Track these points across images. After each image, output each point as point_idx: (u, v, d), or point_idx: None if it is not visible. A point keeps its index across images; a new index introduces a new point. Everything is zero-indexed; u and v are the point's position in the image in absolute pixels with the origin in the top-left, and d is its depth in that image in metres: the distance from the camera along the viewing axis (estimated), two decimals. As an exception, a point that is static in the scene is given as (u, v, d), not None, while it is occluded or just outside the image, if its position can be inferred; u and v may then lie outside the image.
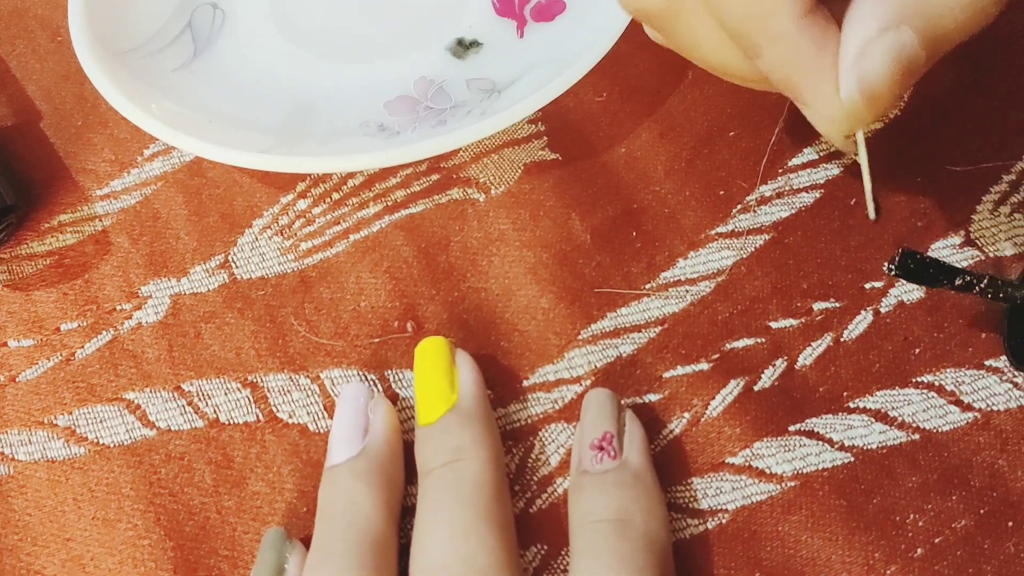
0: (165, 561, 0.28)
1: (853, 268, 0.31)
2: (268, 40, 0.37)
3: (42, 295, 0.33)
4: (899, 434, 0.28)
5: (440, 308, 0.32)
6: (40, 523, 0.29)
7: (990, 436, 0.28)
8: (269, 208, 0.34)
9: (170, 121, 0.32)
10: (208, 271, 0.33)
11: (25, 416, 0.31)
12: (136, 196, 0.35)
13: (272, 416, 0.30)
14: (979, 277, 0.26)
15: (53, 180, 0.35)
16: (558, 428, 0.29)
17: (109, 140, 0.36)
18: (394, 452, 0.28)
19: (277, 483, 0.29)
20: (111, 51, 0.34)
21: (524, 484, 0.29)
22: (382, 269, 0.32)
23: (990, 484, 0.27)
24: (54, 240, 0.34)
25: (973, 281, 0.26)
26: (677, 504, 0.28)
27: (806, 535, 0.27)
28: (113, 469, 0.30)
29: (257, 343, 0.31)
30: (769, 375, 0.29)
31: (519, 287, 0.32)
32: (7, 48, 0.39)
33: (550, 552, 0.28)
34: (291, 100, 0.36)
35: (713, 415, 0.29)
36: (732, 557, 0.27)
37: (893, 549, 0.27)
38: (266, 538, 0.27)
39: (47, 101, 0.37)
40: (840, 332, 0.30)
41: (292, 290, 0.32)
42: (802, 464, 0.28)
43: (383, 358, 0.31)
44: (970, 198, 0.31)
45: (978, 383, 0.29)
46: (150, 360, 0.31)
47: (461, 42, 0.36)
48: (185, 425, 0.30)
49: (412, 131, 0.33)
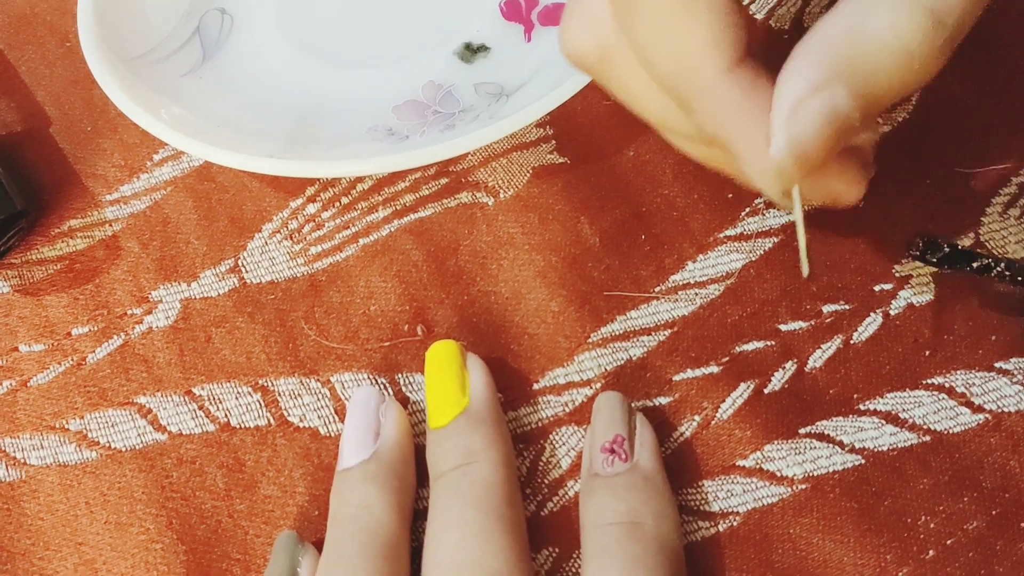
0: (177, 565, 0.28)
1: (862, 270, 0.31)
2: (276, 45, 0.38)
3: (53, 300, 0.33)
4: (910, 436, 0.28)
5: (450, 312, 0.32)
6: (52, 527, 0.29)
7: (1001, 438, 0.28)
8: (278, 212, 0.34)
9: (179, 126, 0.32)
10: (218, 275, 0.33)
11: (37, 420, 0.31)
12: (146, 201, 0.35)
13: (283, 420, 0.30)
14: (997, 260, 0.26)
15: (63, 185, 0.36)
16: (569, 431, 0.29)
17: (118, 145, 0.36)
18: (406, 455, 0.28)
19: (289, 487, 0.29)
20: (120, 57, 0.35)
21: (535, 487, 0.29)
22: (392, 273, 0.32)
23: (1002, 485, 0.27)
24: (64, 245, 0.34)
25: (991, 264, 0.26)
26: (688, 507, 0.28)
27: (817, 538, 0.27)
28: (125, 473, 0.30)
29: (267, 347, 0.32)
30: (779, 378, 0.29)
31: (529, 290, 0.32)
32: (16, 54, 0.39)
33: (561, 555, 0.28)
34: (299, 105, 0.36)
35: (723, 418, 0.29)
36: (743, 560, 0.27)
37: (905, 551, 0.27)
38: (278, 542, 0.27)
39: (56, 107, 0.37)
40: (850, 334, 0.30)
41: (302, 294, 0.32)
42: (813, 467, 0.28)
43: (393, 362, 0.31)
44: (979, 200, 0.31)
45: (988, 385, 0.29)
46: (161, 364, 0.32)
47: (469, 46, 0.36)
48: (196, 429, 0.30)
49: (421, 136, 0.33)
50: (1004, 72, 0.34)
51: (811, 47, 0.20)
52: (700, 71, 0.21)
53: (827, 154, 0.20)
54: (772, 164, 0.21)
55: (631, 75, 0.24)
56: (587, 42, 0.24)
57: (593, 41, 0.24)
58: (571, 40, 0.24)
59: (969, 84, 0.33)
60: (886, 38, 0.20)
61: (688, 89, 0.21)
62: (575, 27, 0.24)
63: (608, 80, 0.25)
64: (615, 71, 0.24)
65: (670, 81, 0.22)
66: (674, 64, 0.21)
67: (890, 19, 0.19)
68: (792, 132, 0.20)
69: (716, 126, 0.22)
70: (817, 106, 0.20)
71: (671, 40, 0.21)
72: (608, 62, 0.24)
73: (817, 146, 0.20)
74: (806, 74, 0.20)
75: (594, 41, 0.24)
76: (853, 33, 0.20)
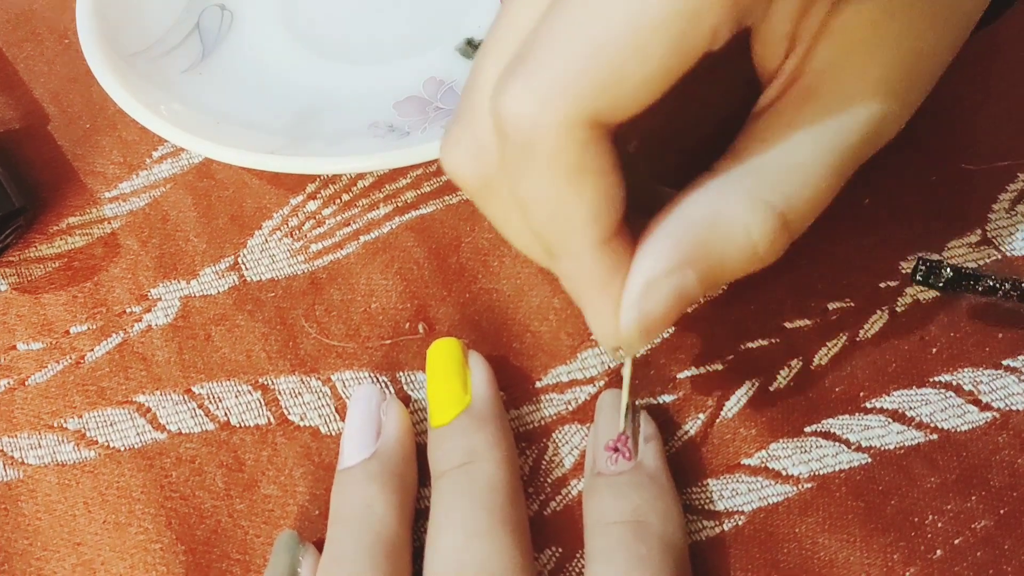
0: (176, 565, 0.28)
1: (868, 267, 0.30)
2: (277, 41, 0.37)
3: (51, 298, 0.33)
4: (917, 434, 0.28)
5: (452, 309, 0.31)
6: (50, 527, 0.29)
7: (1009, 436, 0.28)
8: (279, 210, 0.34)
9: (179, 122, 0.32)
10: (218, 273, 0.33)
11: (35, 420, 0.31)
12: (145, 198, 0.35)
13: (283, 419, 0.30)
14: (1002, 280, 0.26)
15: (61, 183, 0.35)
16: (572, 429, 0.29)
17: (117, 142, 0.36)
18: (407, 454, 0.28)
19: (289, 486, 0.29)
20: (119, 53, 0.34)
21: (538, 486, 0.28)
22: (393, 270, 0.32)
23: (1010, 484, 0.27)
24: (63, 243, 0.34)
25: (996, 285, 0.26)
26: (693, 506, 0.28)
27: (823, 537, 0.27)
28: (124, 473, 0.30)
29: (268, 345, 0.31)
30: (784, 375, 0.29)
31: (531, 287, 0.31)
32: (15, 51, 0.39)
33: (565, 554, 0.27)
34: (300, 101, 0.35)
35: (728, 416, 0.29)
36: (749, 559, 0.27)
37: (912, 550, 0.26)
38: (279, 541, 0.27)
39: (55, 104, 0.37)
40: (856, 332, 0.30)
41: (302, 292, 0.32)
42: (819, 465, 0.28)
43: (394, 360, 0.31)
44: (986, 197, 0.31)
45: (996, 383, 0.28)
46: (160, 363, 0.31)
47: (471, 42, 0.36)
48: (196, 428, 0.30)
49: (422, 132, 0.33)
50: (1010, 68, 0.33)
51: (672, 227, 0.22)
52: (574, 239, 0.22)
53: (668, 326, 0.23)
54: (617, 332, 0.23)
55: (508, 209, 0.23)
56: (471, 171, 0.23)
57: (477, 170, 0.23)
58: (454, 162, 0.23)
59: (975, 81, 0.33)
60: (738, 236, 0.21)
61: (559, 249, 0.22)
62: (460, 152, 0.23)
63: (485, 206, 0.24)
64: (495, 201, 0.24)
65: (544, 237, 0.22)
66: (552, 226, 0.22)
67: (744, 219, 0.21)
68: (642, 311, 0.22)
69: (574, 287, 0.23)
70: (668, 288, 0.22)
71: (553, 206, 0.21)
72: (489, 192, 0.23)
73: (662, 322, 0.22)
74: (661, 256, 0.22)
75: (478, 171, 0.23)
76: (709, 224, 0.22)
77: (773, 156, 0.22)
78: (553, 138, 0.20)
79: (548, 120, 0.20)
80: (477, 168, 0.23)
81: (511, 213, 0.23)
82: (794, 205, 0.22)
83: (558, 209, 0.21)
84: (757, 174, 0.22)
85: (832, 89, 0.22)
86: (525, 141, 0.20)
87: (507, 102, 0.20)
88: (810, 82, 0.23)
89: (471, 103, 0.23)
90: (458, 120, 0.23)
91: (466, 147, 0.23)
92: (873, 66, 0.22)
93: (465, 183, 0.24)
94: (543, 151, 0.20)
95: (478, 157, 0.23)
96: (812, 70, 0.23)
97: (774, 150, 0.22)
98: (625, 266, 0.22)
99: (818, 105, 0.22)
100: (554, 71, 0.19)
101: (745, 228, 0.21)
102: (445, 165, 0.24)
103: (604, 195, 0.21)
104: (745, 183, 0.22)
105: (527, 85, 0.20)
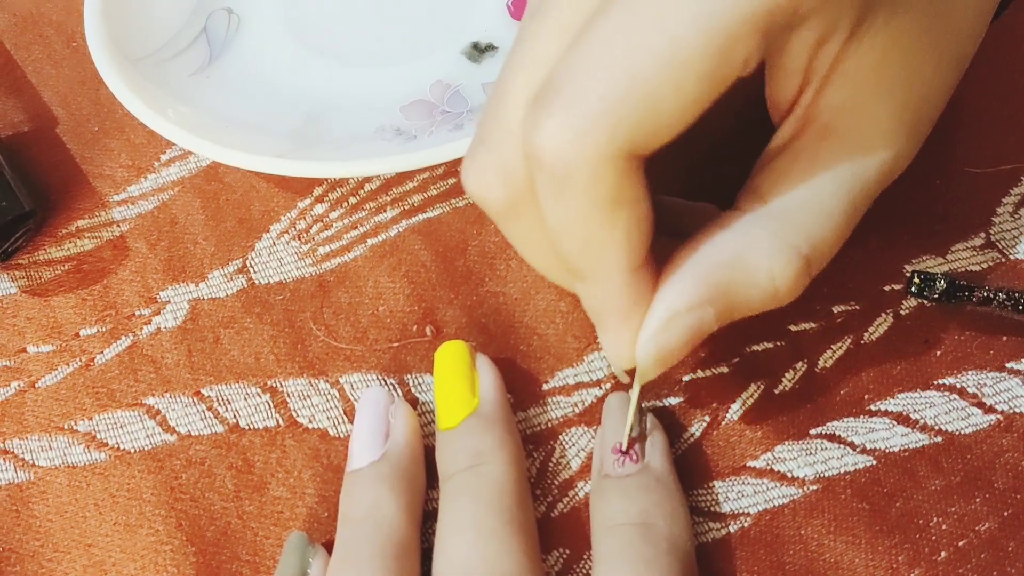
0: (187, 567, 0.28)
1: (872, 270, 0.31)
2: (283, 45, 0.38)
3: (61, 301, 0.33)
4: (921, 437, 0.28)
5: (459, 312, 0.32)
6: (61, 529, 0.29)
7: (1013, 438, 0.28)
8: (286, 213, 0.34)
9: (187, 126, 0.32)
10: (226, 276, 0.33)
11: (45, 422, 0.31)
12: (153, 201, 0.35)
13: (292, 421, 0.30)
14: (996, 291, 0.27)
15: (70, 186, 0.35)
16: (579, 432, 0.29)
17: (126, 145, 0.36)
18: (415, 456, 0.28)
19: (298, 488, 0.29)
20: (127, 56, 0.34)
21: (545, 488, 0.29)
22: (400, 273, 0.32)
23: (1014, 486, 0.27)
24: (72, 246, 0.34)
25: (990, 296, 0.27)
26: (699, 508, 0.28)
27: (829, 539, 0.27)
28: (134, 474, 0.30)
29: (276, 348, 0.31)
30: (789, 378, 0.29)
31: (537, 291, 0.32)
32: (23, 54, 0.39)
33: (572, 556, 0.28)
34: (307, 104, 0.36)
35: (734, 419, 0.29)
36: (754, 561, 0.27)
37: (917, 552, 0.27)
38: (288, 543, 0.27)
39: (63, 107, 0.37)
40: (860, 334, 0.30)
41: (310, 295, 0.32)
42: (824, 467, 0.28)
43: (402, 362, 0.31)
44: (990, 200, 0.31)
45: (1000, 385, 0.28)
46: (169, 365, 0.32)
47: (476, 46, 0.36)
48: (205, 430, 0.30)
49: (429, 135, 0.33)
50: (1015, 71, 0.34)
51: (697, 266, 0.22)
52: (606, 266, 0.22)
53: (682, 357, 0.23)
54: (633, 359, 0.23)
55: (533, 232, 0.23)
56: (496, 194, 0.23)
57: (503, 194, 0.23)
58: (479, 184, 0.23)
59: (979, 84, 0.33)
60: (761, 279, 0.22)
61: (587, 274, 0.22)
62: (486, 176, 0.23)
63: (508, 228, 0.24)
64: (519, 223, 0.24)
65: (573, 263, 0.22)
66: (583, 253, 0.22)
67: (768, 264, 0.22)
68: (660, 344, 0.22)
69: (597, 309, 0.23)
70: (687, 323, 0.22)
71: (586, 235, 0.21)
72: (515, 214, 0.23)
73: (677, 354, 0.23)
74: (684, 292, 0.22)
75: (504, 195, 0.23)
76: (733, 266, 0.22)
77: (796, 197, 0.23)
78: (590, 171, 0.20)
79: (586, 153, 0.20)
80: (503, 192, 0.23)
81: (534, 235, 0.23)
82: (817, 246, 0.22)
83: (592, 237, 0.21)
84: (782, 217, 0.23)
85: (850, 128, 0.23)
86: (562, 173, 0.20)
87: (543, 134, 0.20)
88: (828, 120, 0.23)
89: (498, 125, 0.23)
90: (483, 142, 0.23)
91: (493, 171, 0.23)
92: (887, 105, 0.23)
93: (490, 206, 0.23)
94: (579, 183, 0.20)
95: (505, 181, 0.22)
96: (829, 108, 0.23)
97: (796, 191, 0.23)
98: (649, 296, 0.22)
99: (836, 145, 0.23)
100: (591, 104, 0.19)
101: (769, 272, 0.22)
102: (468, 187, 0.24)
103: (637, 224, 0.21)
104: (771, 226, 0.22)
105: (564, 118, 0.20)
